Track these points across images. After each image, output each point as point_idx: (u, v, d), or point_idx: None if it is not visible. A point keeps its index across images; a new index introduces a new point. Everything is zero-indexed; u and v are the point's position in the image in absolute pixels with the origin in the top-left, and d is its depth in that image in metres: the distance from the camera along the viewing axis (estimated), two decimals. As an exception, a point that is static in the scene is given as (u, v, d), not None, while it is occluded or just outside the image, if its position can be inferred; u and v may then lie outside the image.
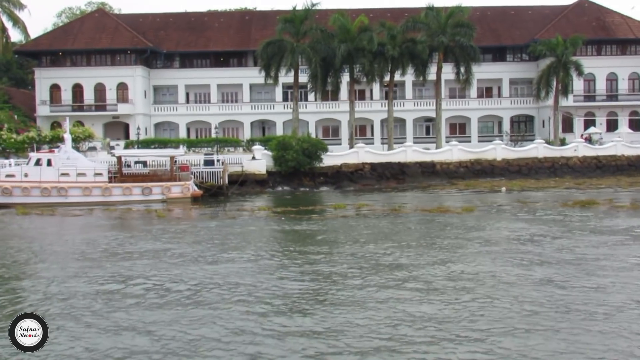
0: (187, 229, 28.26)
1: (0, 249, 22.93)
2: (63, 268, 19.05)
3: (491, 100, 66.47)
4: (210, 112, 65.30)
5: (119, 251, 21.92)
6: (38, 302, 15.10)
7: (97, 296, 15.50)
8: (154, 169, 43.36)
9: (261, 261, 19.77)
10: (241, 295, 15.38)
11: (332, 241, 23.38)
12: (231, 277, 17.26)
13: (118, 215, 33.58)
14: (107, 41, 62.84)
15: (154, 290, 16.10)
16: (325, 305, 14.45)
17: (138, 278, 17.39)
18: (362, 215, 31.23)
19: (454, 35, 52.22)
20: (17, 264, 20.17)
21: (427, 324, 12.87)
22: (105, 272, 18.21)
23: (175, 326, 13.01)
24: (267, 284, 16.49)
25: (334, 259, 19.84)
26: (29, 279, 17.80)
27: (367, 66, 50.48)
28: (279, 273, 17.87)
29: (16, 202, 37.67)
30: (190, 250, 21.86)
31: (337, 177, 48.52)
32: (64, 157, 39.07)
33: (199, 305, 14.57)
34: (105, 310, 14.32)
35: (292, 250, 21.78)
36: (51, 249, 22.84)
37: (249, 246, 22.49)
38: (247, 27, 67.59)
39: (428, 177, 50.18)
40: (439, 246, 21.69)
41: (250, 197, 42.04)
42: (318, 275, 17.44)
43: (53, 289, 16.25)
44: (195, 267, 18.79)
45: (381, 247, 21.66)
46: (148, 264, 19.33)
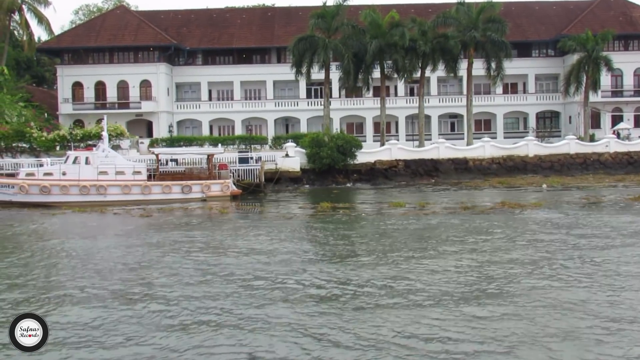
0: (278, 226, 26.99)
1: (118, 252, 21.53)
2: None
3: (516, 96, 65.96)
4: (233, 110, 64.78)
5: (245, 250, 21.02)
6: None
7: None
8: (190, 167, 42.92)
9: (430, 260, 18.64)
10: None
11: (467, 241, 22.01)
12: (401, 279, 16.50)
13: (183, 214, 32.97)
14: (130, 38, 62.27)
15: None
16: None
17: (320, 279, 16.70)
18: (438, 213, 30.04)
19: (485, 31, 51.64)
20: (151, 269, 18.53)
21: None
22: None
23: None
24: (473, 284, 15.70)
25: (508, 260, 18.54)
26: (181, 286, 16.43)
27: (400, 62, 49.84)
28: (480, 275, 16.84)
29: (55, 201, 37.21)
30: (315, 249, 21.46)
31: (371, 174, 48.00)
32: (102, 155, 38.52)
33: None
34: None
35: (456, 250, 20.38)
36: (166, 251, 21.52)
37: (380, 246, 21.30)
38: (270, 24, 67.01)
39: (461, 174, 49.63)
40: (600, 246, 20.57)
41: (288, 195, 41.54)
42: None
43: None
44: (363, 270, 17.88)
45: (542, 247, 20.41)
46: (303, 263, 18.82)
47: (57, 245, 23.03)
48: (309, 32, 50.26)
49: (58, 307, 14.38)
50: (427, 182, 47.63)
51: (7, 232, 27.21)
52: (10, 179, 38.26)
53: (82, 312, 13.84)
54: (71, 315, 13.62)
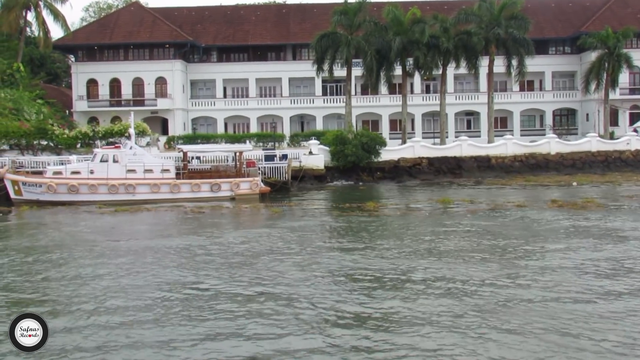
0: (365, 225, 26.29)
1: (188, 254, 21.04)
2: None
3: (533, 93, 65.70)
4: (248, 107, 64.35)
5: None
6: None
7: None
8: (215, 164, 42.49)
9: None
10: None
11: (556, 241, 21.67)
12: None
13: (233, 213, 32.55)
14: (145, 35, 61.74)
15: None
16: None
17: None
18: (494, 210, 29.66)
19: (507, 28, 51.31)
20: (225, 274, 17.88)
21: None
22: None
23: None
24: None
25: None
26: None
27: (422, 59, 49.48)
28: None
29: (83, 200, 36.75)
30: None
31: (395, 172, 47.66)
32: (131, 153, 38.04)
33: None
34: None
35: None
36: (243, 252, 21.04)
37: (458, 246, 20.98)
38: (285, 21, 66.56)
39: (483, 172, 49.35)
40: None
41: (317, 193, 41.14)
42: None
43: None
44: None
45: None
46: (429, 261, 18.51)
47: (166, 244, 22.35)
48: (331, 28, 49.83)
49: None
50: (451, 179, 47.36)
51: (81, 235, 26.09)
52: (38, 178, 37.75)
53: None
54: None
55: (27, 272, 18.31)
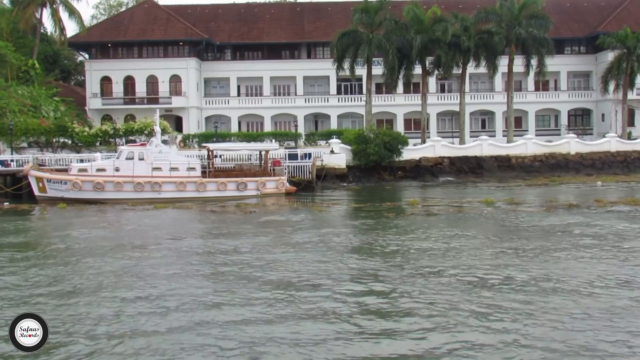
0: (434, 223, 25.87)
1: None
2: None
3: (548, 93, 65.45)
4: (263, 105, 63.97)
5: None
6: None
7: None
8: (239, 163, 42.16)
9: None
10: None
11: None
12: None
13: (281, 211, 32.08)
14: (160, 33, 61.30)
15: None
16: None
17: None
18: (552, 210, 29.18)
19: (528, 27, 51.08)
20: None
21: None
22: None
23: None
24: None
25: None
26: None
27: (443, 58, 49.21)
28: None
29: (108, 198, 36.41)
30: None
31: (416, 172, 47.40)
32: (156, 151, 37.67)
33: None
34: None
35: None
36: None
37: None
38: (299, 19, 66.21)
39: (504, 172, 49.13)
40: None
41: (342, 192, 40.86)
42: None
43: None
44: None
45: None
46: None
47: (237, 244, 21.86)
48: (352, 27, 49.51)
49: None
50: (472, 179, 47.15)
51: (146, 232, 25.71)
52: (63, 175, 37.35)
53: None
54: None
55: (139, 273, 17.79)
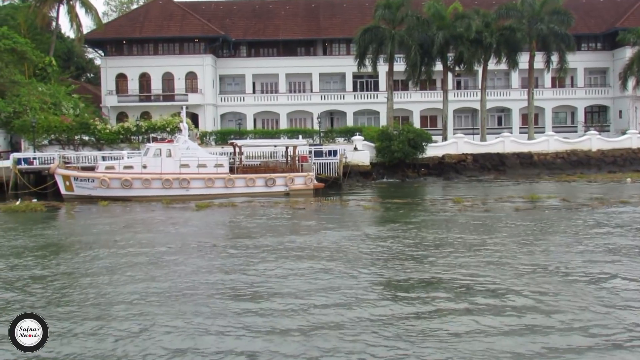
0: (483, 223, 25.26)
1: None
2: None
3: (565, 90, 65.16)
4: (278, 103, 63.58)
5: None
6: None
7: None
8: (265, 160, 41.85)
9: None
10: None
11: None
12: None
13: (330, 208, 31.77)
14: (175, 29, 60.86)
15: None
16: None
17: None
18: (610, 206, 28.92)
19: (549, 23, 50.85)
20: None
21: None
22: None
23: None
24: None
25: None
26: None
27: (466, 54, 48.92)
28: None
29: (136, 195, 36.09)
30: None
31: (440, 169, 47.21)
32: (184, 148, 37.37)
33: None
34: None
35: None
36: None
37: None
38: (315, 15, 65.85)
39: (526, 169, 48.99)
40: None
41: (370, 189, 40.64)
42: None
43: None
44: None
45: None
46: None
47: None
48: (374, 22, 49.21)
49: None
50: (495, 176, 46.93)
51: (212, 230, 25.10)
52: (90, 173, 37.02)
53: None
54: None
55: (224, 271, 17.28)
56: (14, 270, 17.46)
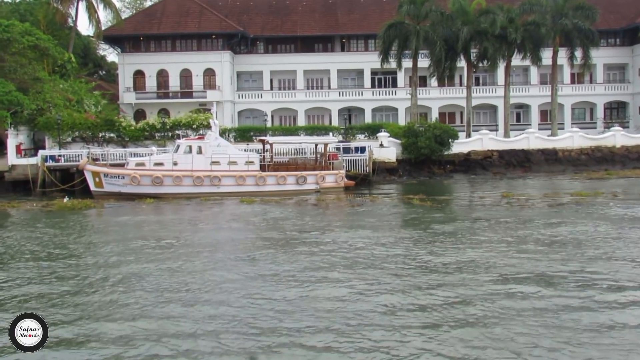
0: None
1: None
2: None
3: (584, 86, 64.80)
4: (296, 99, 63.22)
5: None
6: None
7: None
8: (293, 157, 41.49)
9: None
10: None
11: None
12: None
13: (386, 206, 31.00)
14: (193, 25, 60.48)
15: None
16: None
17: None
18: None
19: (573, 18, 50.49)
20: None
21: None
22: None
23: None
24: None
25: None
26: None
27: (490, 50, 48.56)
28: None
29: (166, 193, 35.77)
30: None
31: (466, 165, 46.85)
32: (215, 144, 37.02)
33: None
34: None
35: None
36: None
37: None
38: (333, 11, 65.45)
39: (551, 165, 48.63)
40: None
41: (399, 186, 40.29)
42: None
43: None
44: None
45: None
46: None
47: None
48: (399, 18, 48.84)
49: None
50: (521, 173, 46.63)
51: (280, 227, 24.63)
52: (120, 169, 36.70)
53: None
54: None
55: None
56: (145, 278, 16.29)
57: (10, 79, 42.86)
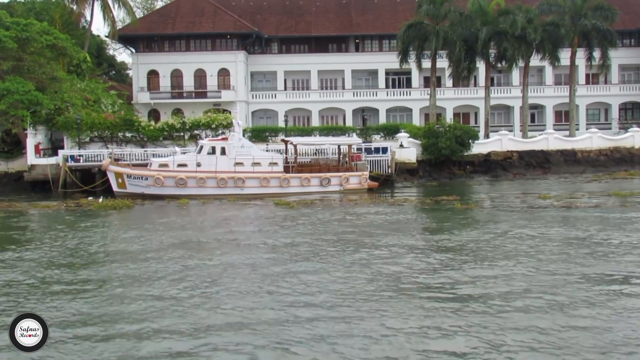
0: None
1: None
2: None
3: (598, 87, 64.55)
4: (310, 100, 62.94)
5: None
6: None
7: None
8: (315, 157, 41.23)
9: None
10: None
11: None
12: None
13: (411, 206, 30.89)
14: (208, 25, 60.21)
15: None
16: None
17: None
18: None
19: (592, 19, 50.23)
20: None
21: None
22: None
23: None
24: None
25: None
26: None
27: (510, 50, 48.29)
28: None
29: (190, 194, 35.49)
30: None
31: (486, 166, 46.61)
32: (239, 145, 36.76)
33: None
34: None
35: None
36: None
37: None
38: (347, 12, 65.17)
39: (570, 166, 48.38)
40: None
41: (421, 188, 40.02)
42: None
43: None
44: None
45: None
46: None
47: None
48: (419, 18, 48.59)
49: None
50: (540, 174, 46.39)
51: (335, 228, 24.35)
52: (144, 170, 36.44)
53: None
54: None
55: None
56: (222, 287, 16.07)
57: (28, 78, 42.59)
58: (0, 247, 21.15)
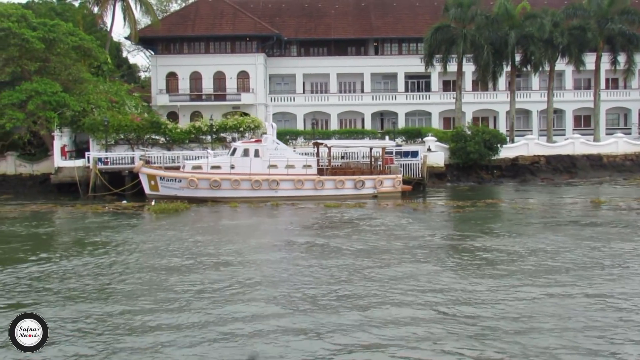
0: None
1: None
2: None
3: (618, 91, 64.35)
4: (329, 103, 62.57)
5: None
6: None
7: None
8: (347, 161, 40.89)
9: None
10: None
11: None
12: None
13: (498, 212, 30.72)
14: (228, 27, 59.83)
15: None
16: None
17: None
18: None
19: (618, 23, 50.07)
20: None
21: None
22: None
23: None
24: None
25: None
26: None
27: (537, 54, 48.07)
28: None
29: (224, 196, 35.13)
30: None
31: (513, 170, 46.34)
32: (272, 148, 36.40)
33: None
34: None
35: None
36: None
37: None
38: (366, 15, 64.88)
39: (597, 171, 48.20)
40: None
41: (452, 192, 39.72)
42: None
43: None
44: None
45: None
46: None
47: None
48: (446, 21, 48.33)
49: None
50: (568, 178, 46.15)
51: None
52: (177, 173, 36.06)
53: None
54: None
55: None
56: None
57: (53, 79, 42.20)
58: (96, 250, 21.36)
